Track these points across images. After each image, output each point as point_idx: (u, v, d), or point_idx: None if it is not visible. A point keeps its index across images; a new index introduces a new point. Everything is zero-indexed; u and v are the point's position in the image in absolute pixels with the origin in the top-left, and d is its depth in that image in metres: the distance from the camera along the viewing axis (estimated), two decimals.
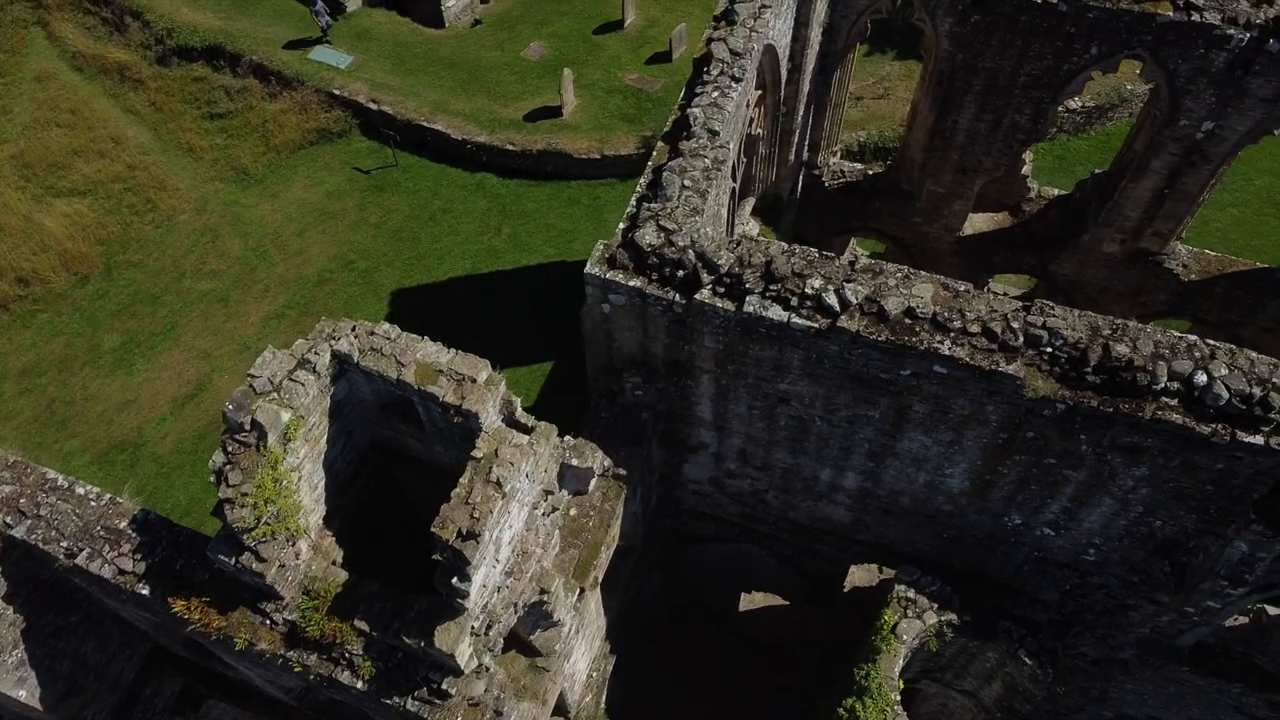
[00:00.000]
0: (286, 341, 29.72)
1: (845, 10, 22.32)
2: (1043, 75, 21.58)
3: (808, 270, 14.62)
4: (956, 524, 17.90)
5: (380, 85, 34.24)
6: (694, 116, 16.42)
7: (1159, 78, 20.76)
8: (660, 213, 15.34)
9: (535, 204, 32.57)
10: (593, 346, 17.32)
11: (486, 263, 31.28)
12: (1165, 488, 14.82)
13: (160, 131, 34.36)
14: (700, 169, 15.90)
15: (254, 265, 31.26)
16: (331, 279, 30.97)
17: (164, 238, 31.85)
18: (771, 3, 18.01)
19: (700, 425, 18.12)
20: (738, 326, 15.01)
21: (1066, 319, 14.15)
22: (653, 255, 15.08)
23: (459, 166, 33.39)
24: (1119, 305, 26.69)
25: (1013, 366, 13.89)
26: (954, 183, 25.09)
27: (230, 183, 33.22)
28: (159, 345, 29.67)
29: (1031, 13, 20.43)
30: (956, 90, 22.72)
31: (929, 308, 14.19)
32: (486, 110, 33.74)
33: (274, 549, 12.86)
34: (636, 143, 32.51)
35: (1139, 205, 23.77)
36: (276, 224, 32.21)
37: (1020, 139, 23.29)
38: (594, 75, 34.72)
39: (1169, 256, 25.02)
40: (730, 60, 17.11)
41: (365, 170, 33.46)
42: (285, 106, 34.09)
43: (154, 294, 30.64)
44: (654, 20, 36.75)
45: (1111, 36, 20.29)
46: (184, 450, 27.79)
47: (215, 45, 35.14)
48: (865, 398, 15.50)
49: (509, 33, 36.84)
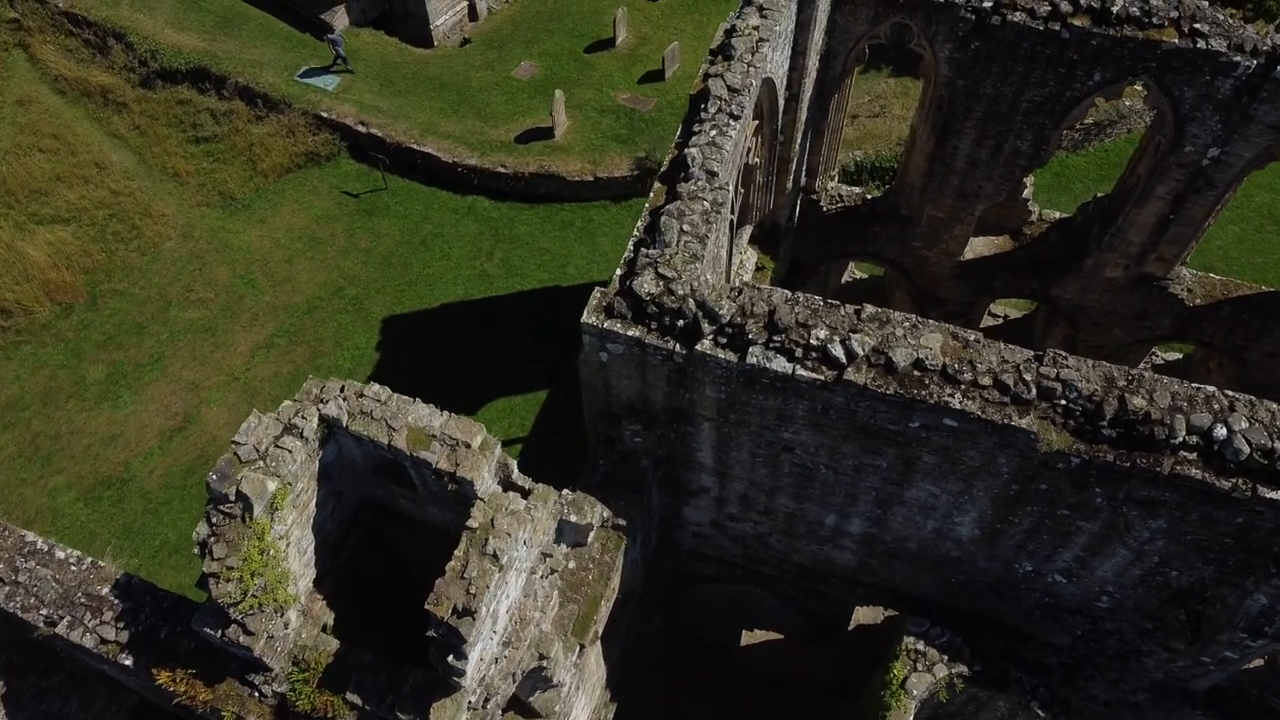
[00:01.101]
0: (276, 372, 29.32)
1: (843, 37, 21.86)
2: (1045, 102, 21.17)
3: (812, 320, 14.15)
4: (965, 569, 17.46)
5: (368, 107, 33.69)
6: (692, 157, 15.94)
7: (1163, 104, 20.37)
8: (658, 259, 14.85)
9: (527, 227, 32.07)
10: (590, 393, 16.82)
11: (479, 288, 30.77)
12: (1182, 540, 14.39)
13: (145, 156, 33.76)
14: (699, 212, 15.42)
15: (242, 293, 30.68)
16: (321, 307, 30.41)
17: (150, 266, 31.25)
18: (769, 36, 17.53)
19: (701, 470, 17.64)
20: (740, 377, 14.53)
21: (1080, 370, 13.70)
22: (651, 304, 14.60)
23: (450, 189, 32.88)
24: (1122, 329, 26.32)
25: (1026, 420, 13.43)
26: (954, 208, 24.67)
27: (217, 208, 32.64)
28: (145, 377, 29.07)
29: (1033, 40, 20.01)
30: (956, 116, 22.29)
31: (938, 359, 13.73)
32: (477, 132, 33.23)
33: (262, 621, 12.34)
34: (630, 164, 32.03)
35: (1143, 231, 23.38)
36: (264, 250, 31.64)
37: (1022, 165, 22.87)
38: (585, 95, 34.23)
39: (1173, 281, 24.64)
40: (728, 97, 16.63)
41: (354, 194, 32.91)
42: (272, 130, 33.53)
43: (140, 324, 30.04)
44: (645, 38, 36.28)
45: (1115, 63, 19.88)
46: (172, 485, 27.21)
47: (200, 67, 34.56)
48: (872, 448, 15.05)
49: (498, 52, 36.33)
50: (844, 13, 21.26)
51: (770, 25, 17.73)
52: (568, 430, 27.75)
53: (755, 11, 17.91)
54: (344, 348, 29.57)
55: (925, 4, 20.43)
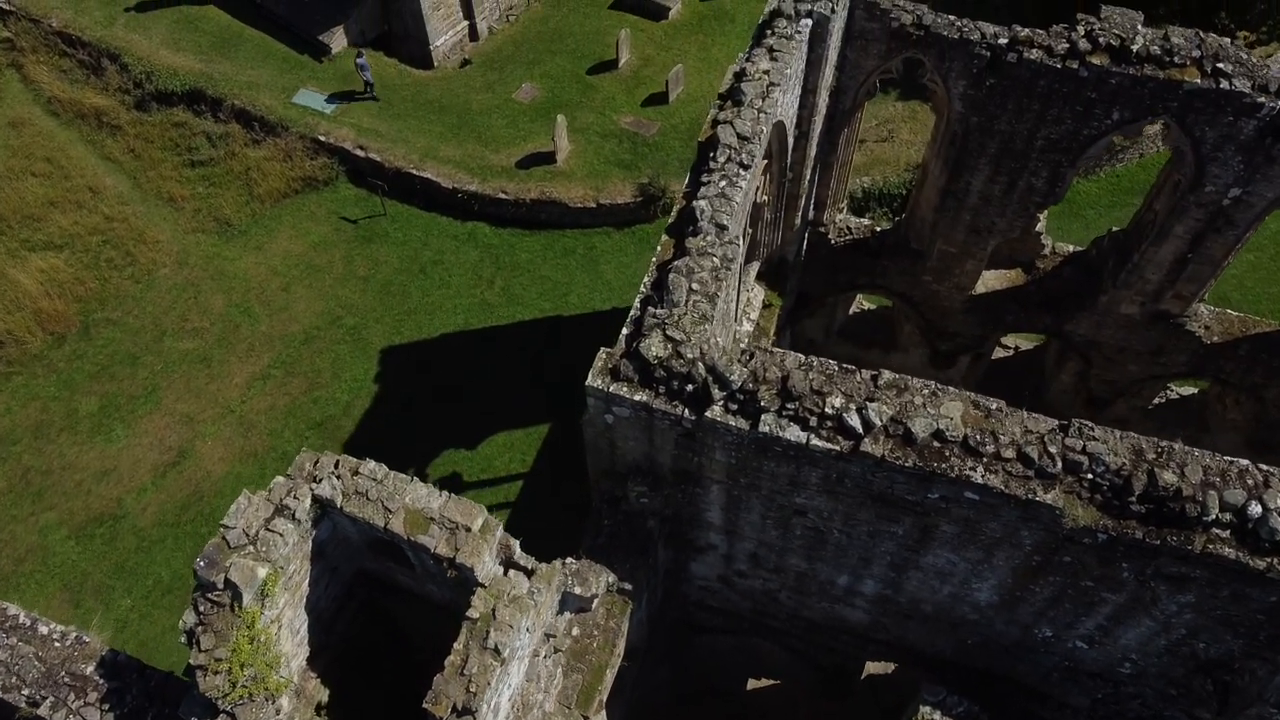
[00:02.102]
0: (272, 404, 28.74)
1: (853, 72, 21.28)
2: (1061, 139, 20.59)
3: (827, 387, 13.58)
4: (982, 631, 16.90)
5: (367, 131, 33.11)
6: (700, 210, 15.36)
7: (1184, 144, 19.80)
8: (666, 320, 14.28)
9: (529, 254, 31.50)
10: (594, 453, 16.24)
11: (479, 318, 30.20)
12: (1212, 614, 13.84)
13: (139, 180, 33.18)
14: (709, 269, 14.84)
15: (238, 322, 30.11)
16: (318, 336, 29.83)
17: (144, 294, 30.67)
18: (780, 80, 16.96)
19: (709, 529, 17.08)
20: (752, 444, 13.97)
21: (1108, 442, 13.14)
22: (659, 368, 14.02)
23: (450, 215, 32.31)
24: (1137, 365, 25.75)
25: (1050, 495, 12.86)
26: (966, 243, 24.08)
27: (212, 234, 32.06)
28: (139, 409, 28.50)
29: (1050, 78, 19.43)
30: (970, 152, 21.71)
31: (959, 429, 13.16)
32: (477, 156, 32.65)
33: (252, 711, 11.75)
34: (633, 190, 31.45)
35: (1160, 269, 22.80)
36: (261, 278, 31.06)
37: (1037, 201, 22.31)
38: (588, 119, 33.64)
39: (1190, 319, 24.07)
40: (738, 146, 16.06)
41: (353, 220, 32.34)
42: (269, 153, 32.95)
43: (134, 354, 29.47)
44: (648, 59, 35.69)
45: (1135, 103, 19.31)
46: (165, 523, 26.64)
47: (196, 89, 33.96)
48: (888, 515, 14.49)
49: (499, 73, 35.74)
50: (855, 48, 20.69)
51: (781, 68, 17.16)
52: (569, 466, 27.16)
53: (765, 54, 17.34)
54: (342, 379, 29.00)
55: (939, 40, 19.85)
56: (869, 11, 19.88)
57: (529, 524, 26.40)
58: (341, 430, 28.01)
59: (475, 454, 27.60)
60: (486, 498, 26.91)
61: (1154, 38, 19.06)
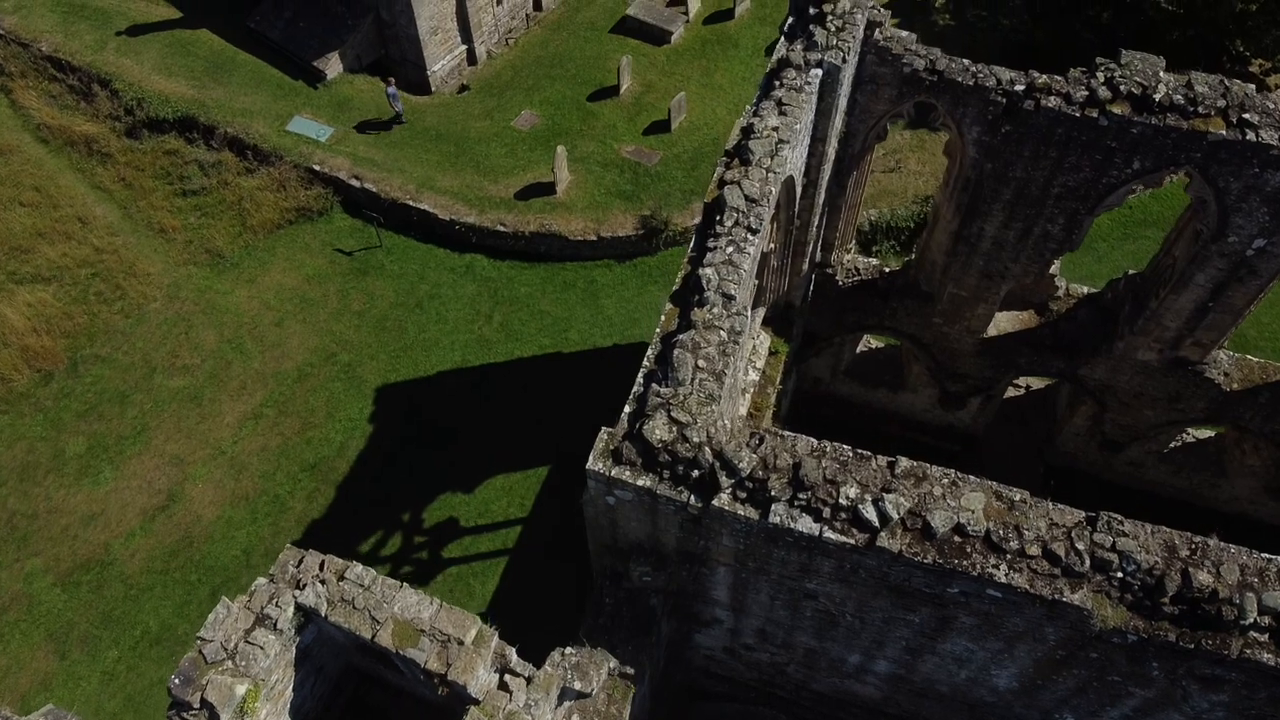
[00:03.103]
0: (264, 445, 28.00)
1: (863, 116, 20.55)
2: (1079, 187, 19.87)
3: (841, 476, 12.85)
4: (999, 714, 16.18)
5: (363, 160, 32.37)
6: (707, 279, 14.63)
7: (1206, 194, 19.08)
8: (671, 400, 13.54)
9: (528, 288, 30.76)
10: (595, 530, 15.51)
11: (477, 354, 29.46)
12: (1246, 714, 13.11)
13: (130, 210, 32.45)
14: (715, 344, 14.12)
15: (229, 359, 29.37)
16: (312, 374, 29.10)
17: (134, 329, 29.93)
18: (789, 137, 16.22)
19: (715, 605, 16.36)
20: (761, 533, 13.26)
21: (1139, 538, 12.40)
22: (664, 452, 13.29)
23: (447, 247, 31.57)
24: (1153, 410, 25.02)
25: (1078, 595, 12.14)
26: (978, 287, 23.36)
27: (204, 266, 31.32)
28: (128, 450, 27.76)
29: (1068, 126, 18.71)
30: (983, 198, 20.99)
31: (981, 523, 12.45)
32: (475, 187, 31.91)
33: None
34: (634, 223, 30.72)
35: (1179, 317, 22.07)
36: (253, 312, 30.33)
37: (1052, 248, 21.58)
38: (588, 147, 32.89)
39: (1210, 366, 23.35)
40: (746, 209, 15.33)
41: (348, 251, 31.60)
42: (262, 183, 32.21)
43: (123, 392, 28.73)
44: (650, 85, 34.94)
45: (1157, 152, 18.59)
46: (154, 570, 25.91)
47: (188, 116, 33.23)
48: (905, 604, 13.76)
49: (498, 100, 35.01)
50: (865, 93, 19.97)
51: (790, 123, 16.43)
52: (569, 513, 26.44)
53: (774, 108, 16.60)
54: (335, 419, 28.27)
55: (953, 86, 19.13)
56: (880, 57, 19.15)
57: (526, 574, 25.71)
58: (335, 472, 27.27)
59: (472, 497, 26.88)
60: (483, 544, 26.20)
61: (1177, 86, 18.34)
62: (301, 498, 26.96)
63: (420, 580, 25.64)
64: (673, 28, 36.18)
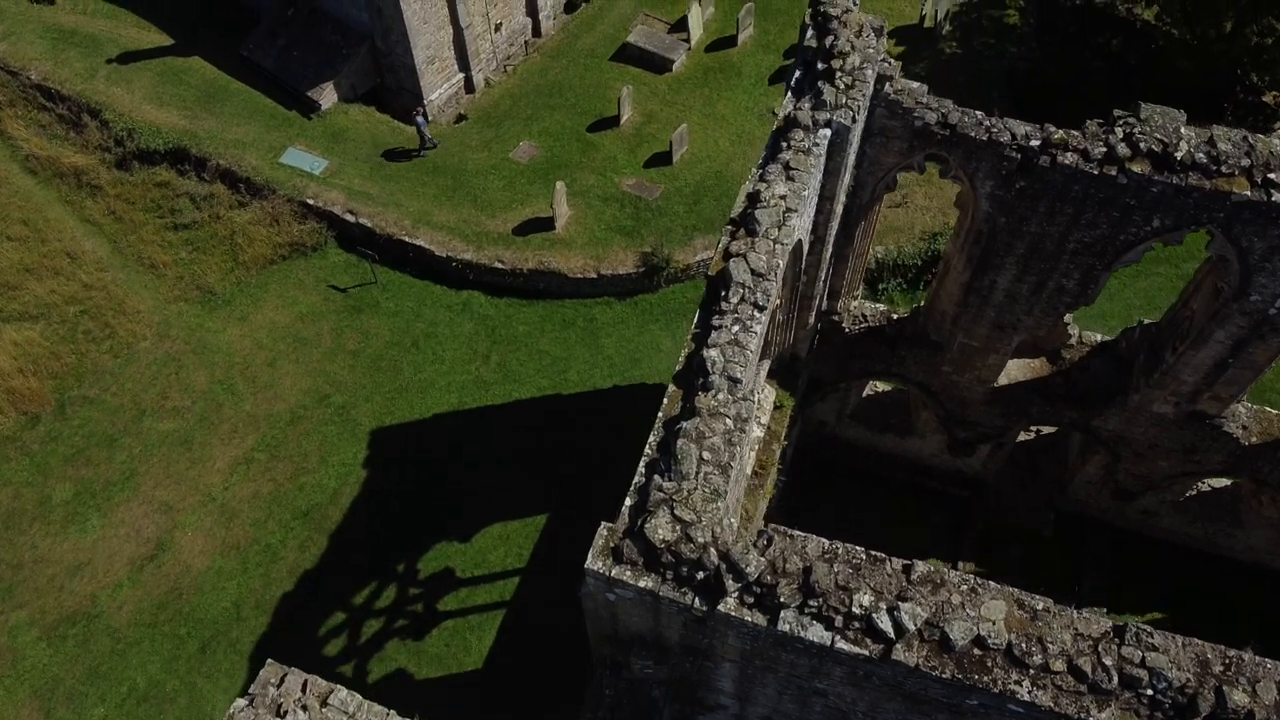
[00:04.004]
0: (256, 491, 27.30)
1: (872, 168, 19.88)
2: (1095, 243, 19.23)
3: (854, 582, 12.17)
4: None
5: (357, 194, 31.68)
6: (712, 361, 13.94)
7: (1229, 253, 18.43)
8: (674, 495, 12.86)
9: (526, 326, 30.08)
10: (595, 622, 14.83)
11: (474, 396, 28.79)
12: None
13: (120, 244, 31.76)
14: (721, 433, 13.44)
15: (221, 401, 28.69)
16: (305, 416, 28.42)
17: (123, 369, 29.25)
18: (797, 205, 15.54)
19: (719, 692, 15.67)
20: (769, 638, 12.59)
21: (1169, 651, 11.72)
22: (667, 552, 12.61)
23: (444, 283, 30.88)
24: (1168, 461, 24.35)
25: (1106, 714, 11.45)
26: (990, 338, 22.69)
27: (195, 304, 30.64)
28: (116, 496, 27.09)
29: (1085, 183, 18.05)
30: (996, 251, 20.33)
31: (1002, 635, 11.77)
32: (473, 222, 31.23)
33: None
34: (635, 260, 30.04)
35: (1197, 372, 21.41)
36: (245, 352, 29.65)
37: (1067, 302, 20.93)
38: (588, 180, 32.21)
39: (1228, 419, 22.69)
40: (752, 284, 14.64)
41: (342, 288, 30.91)
42: (255, 217, 31.53)
43: (111, 436, 28.05)
44: (651, 115, 34.24)
45: (1178, 212, 17.95)
46: (142, 623, 25.24)
47: (179, 147, 32.53)
48: (920, 711, 13.07)
49: (496, 130, 34.31)
50: (875, 145, 19.31)
51: (799, 189, 15.75)
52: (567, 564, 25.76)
53: (781, 173, 15.90)
54: (329, 464, 27.60)
55: (966, 140, 18.47)
56: (890, 110, 18.48)
57: (524, 629, 25.04)
58: (328, 520, 26.60)
59: (469, 546, 26.22)
60: (480, 596, 25.54)
61: (1199, 143, 17.68)
62: (294, 547, 26.29)
63: (415, 635, 24.97)
64: (674, 55, 35.49)
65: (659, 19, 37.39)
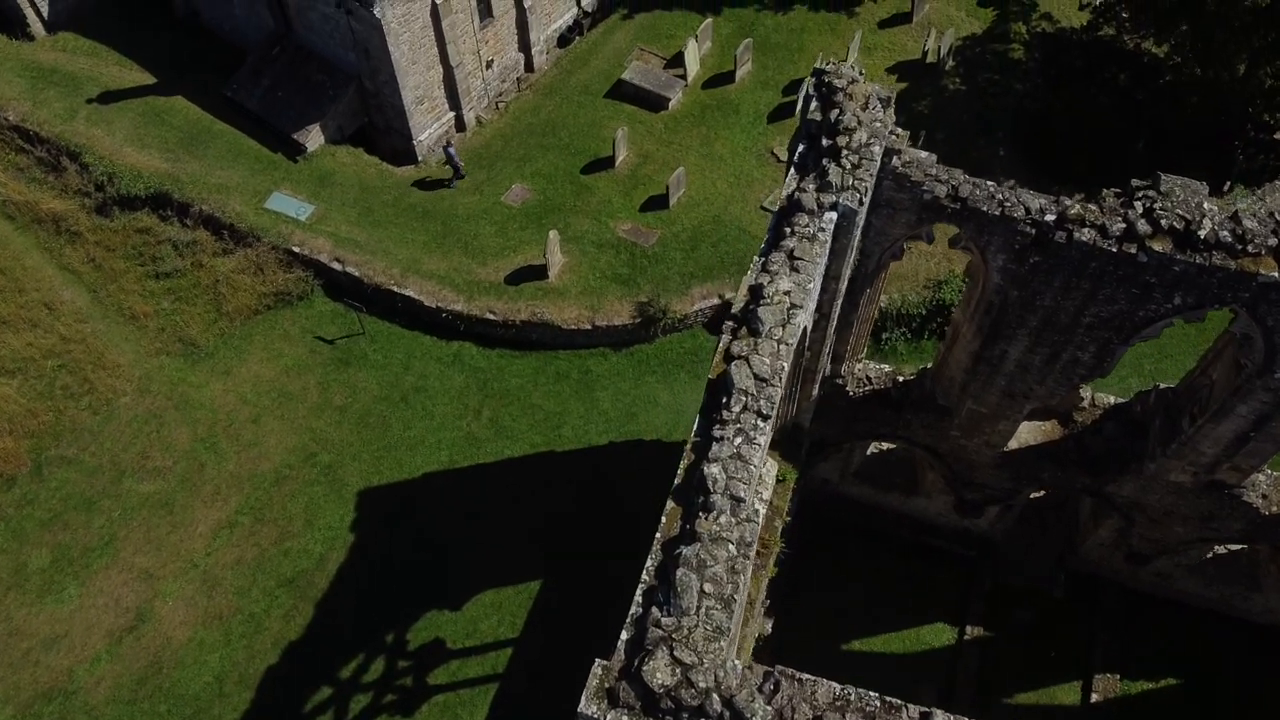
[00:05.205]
0: (239, 558, 26.34)
1: (878, 239, 19.00)
2: (1113, 319, 18.38)
3: None
4: None
5: (345, 240, 30.74)
6: (713, 479, 13.04)
7: (1254, 331, 17.60)
8: (674, 634, 11.96)
9: (519, 379, 29.17)
10: None
11: (465, 453, 27.88)
12: None
13: (100, 294, 30.80)
14: (724, 560, 12.54)
15: (203, 460, 27.76)
16: (291, 476, 27.49)
17: (102, 427, 28.30)
18: (802, 300, 14.66)
19: None
20: None
21: None
22: (666, 698, 11.71)
23: (434, 334, 29.98)
24: (1184, 527, 23.53)
25: None
26: (1000, 405, 21.84)
27: (177, 357, 29.69)
28: (94, 563, 26.15)
29: (1103, 260, 17.21)
30: (1008, 323, 19.47)
31: None
32: (464, 270, 30.31)
33: None
34: (630, 310, 29.15)
35: (1218, 445, 20.58)
36: (229, 407, 28.71)
37: (1081, 374, 20.09)
38: (583, 225, 31.30)
39: (1248, 489, 21.85)
40: (755, 391, 13.74)
41: (329, 340, 29.98)
42: (239, 265, 30.58)
43: (89, 498, 27.10)
44: (648, 156, 33.33)
45: (1200, 290, 17.12)
46: (120, 699, 24.32)
47: (161, 192, 31.55)
48: None
49: (487, 172, 33.38)
50: (882, 217, 18.43)
51: (804, 281, 14.89)
52: (563, 633, 24.91)
53: (785, 263, 15.01)
54: (315, 527, 26.68)
55: (976, 214, 17.61)
56: (898, 183, 17.62)
57: (517, 704, 24.14)
58: (314, 588, 25.68)
59: (460, 615, 25.32)
60: (472, 668, 24.64)
61: (1222, 220, 16.84)
62: (278, 616, 25.35)
63: (404, 710, 24.07)
64: (670, 93, 34.56)
65: (655, 53, 36.47)
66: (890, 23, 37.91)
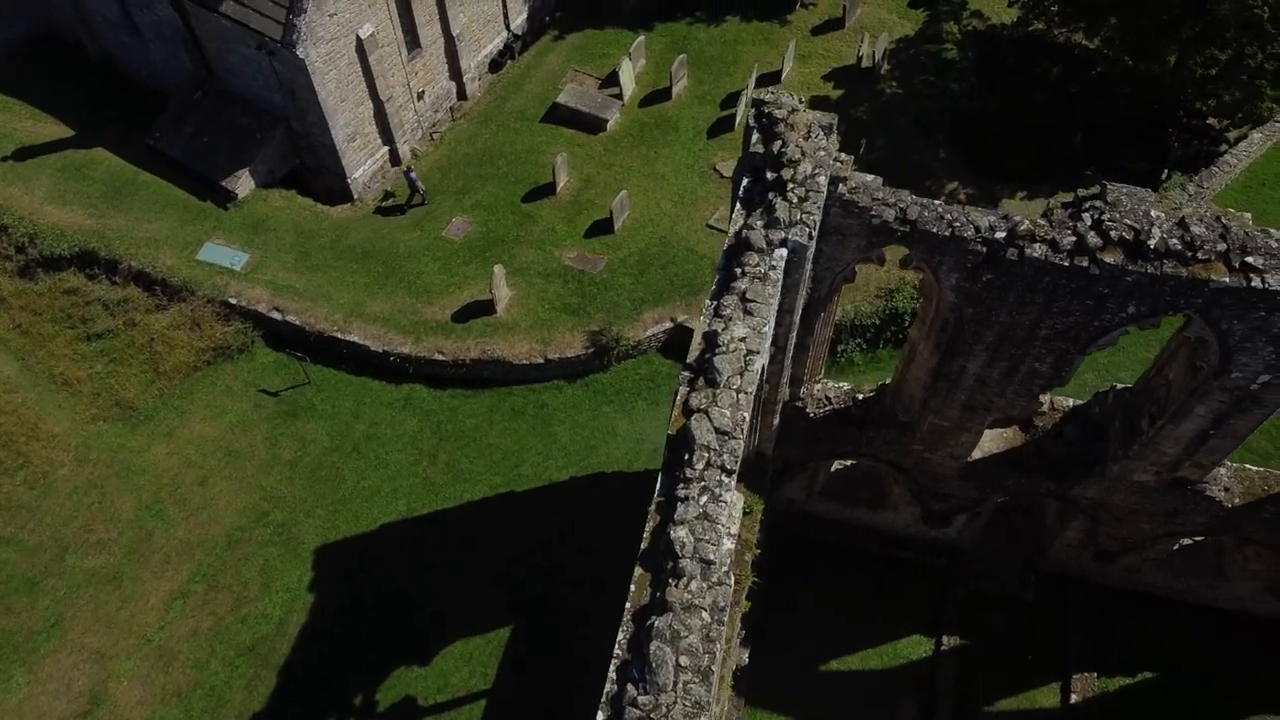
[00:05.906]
0: (195, 629, 25.32)
1: (829, 264, 18.71)
2: (1069, 330, 18.28)
3: None
4: None
5: (283, 288, 29.81)
6: (681, 544, 12.58)
7: (1208, 335, 17.58)
8: (651, 713, 11.49)
9: (473, 419, 28.49)
10: None
11: (423, 500, 27.14)
12: None
13: (29, 360, 29.52)
14: (698, 630, 12.08)
15: (150, 529, 26.70)
16: (243, 539, 26.55)
17: (40, 501, 27.10)
18: (758, 345, 14.26)
19: None
20: None
21: None
22: None
23: (382, 379, 29.19)
24: (1150, 524, 23.62)
25: None
26: (962, 418, 21.72)
27: (115, 421, 28.56)
28: (41, 647, 24.99)
29: (1056, 274, 17.08)
30: (964, 339, 19.29)
31: None
32: (409, 310, 29.54)
33: None
34: (583, 340, 28.61)
35: (1178, 444, 20.62)
36: (174, 471, 27.67)
37: (1040, 384, 19.99)
38: (528, 256, 30.69)
39: (1210, 484, 21.94)
40: (718, 445, 13.31)
41: (274, 392, 29.05)
42: (174, 320, 29.51)
43: (31, 578, 25.92)
44: (589, 180, 32.80)
45: (1153, 299, 17.05)
46: None
47: (87, 250, 30.35)
48: None
49: (426, 207, 32.60)
50: (831, 243, 18.15)
51: (759, 325, 14.50)
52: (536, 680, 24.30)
53: (738, 307, 14.60)
54: (272, 590, 25.77)
55: (926, 236, 17.38)
56: (846, 209, 17.34)
57: None
58: (276, 654, 24.78)
59: (429, 670, 24.59)
60: None
61: (1171, 227, 16.78)
62: (240, 687, 24.42)
63: None
64: (607, 115, 34.06)
65: (589, 74, 35.95)
66: (823, 29, 37.78)
